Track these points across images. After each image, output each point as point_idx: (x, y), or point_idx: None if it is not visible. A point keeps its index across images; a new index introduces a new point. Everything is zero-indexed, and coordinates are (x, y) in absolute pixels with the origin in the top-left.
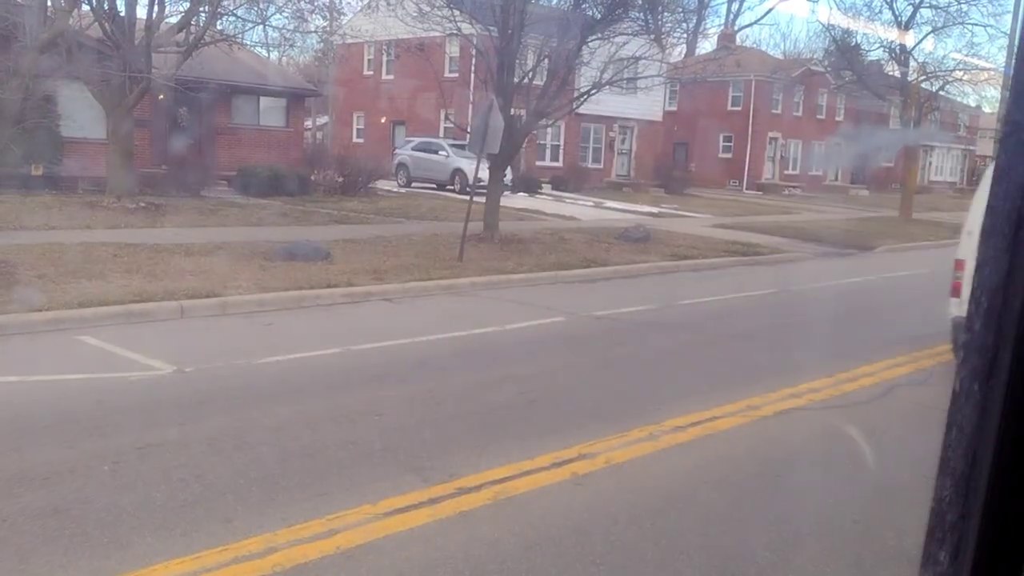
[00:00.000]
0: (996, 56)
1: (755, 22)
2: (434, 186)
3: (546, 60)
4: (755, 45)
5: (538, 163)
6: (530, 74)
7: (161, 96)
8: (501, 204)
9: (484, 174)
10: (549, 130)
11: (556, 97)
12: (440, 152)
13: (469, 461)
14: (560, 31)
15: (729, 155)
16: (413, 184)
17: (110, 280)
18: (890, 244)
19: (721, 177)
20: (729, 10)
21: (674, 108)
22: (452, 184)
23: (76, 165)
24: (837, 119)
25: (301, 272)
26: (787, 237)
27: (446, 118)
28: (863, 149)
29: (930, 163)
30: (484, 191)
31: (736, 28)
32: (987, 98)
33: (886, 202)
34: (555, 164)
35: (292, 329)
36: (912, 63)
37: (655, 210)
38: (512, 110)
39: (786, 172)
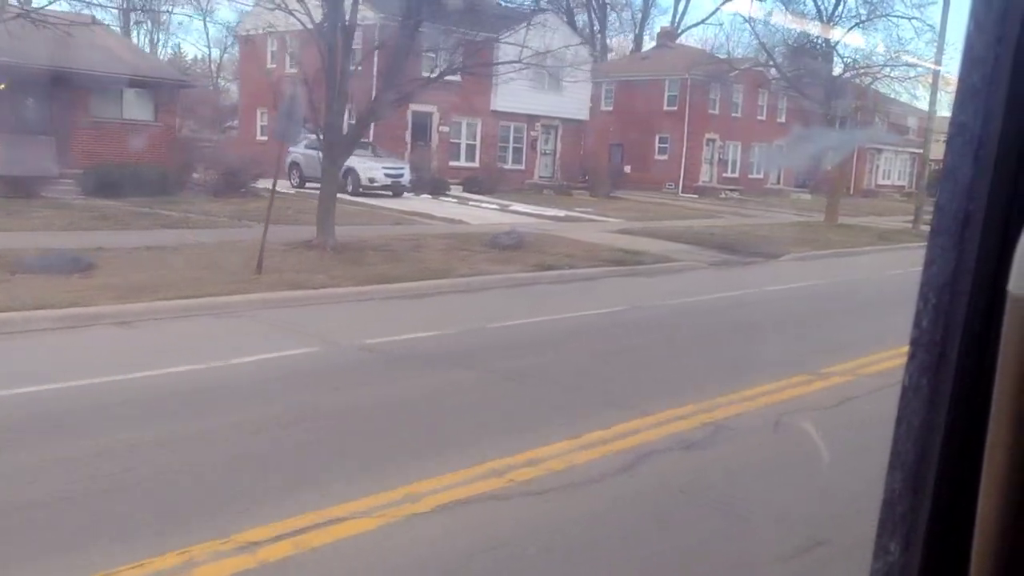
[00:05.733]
0: (923, 51)
1: (701, 22)
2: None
3: (382, 46)
4: (700, 45)
5: (452, 163)
6: (358, 65)
7: (2, 85)
8: (392, 207)
9: (377, 174)
10: (464, 128)
11: (394, 86)
12: None
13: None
14: (401, 11)
15: (665, 157)
16: (308, 184)
17: None
18: (801, 251)
19: (658, 180)
20: (676, 10)
21: (610, 108)
22: (346, 185)
23: None
24: (778, 120)
25: (36, 287)
26: (690, 244)
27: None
28: (804, 151)
29: (877, 166)
30: (383, 191)
31: (679, 29)
32: (918, 97)
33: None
34: (472, 164)
35: None
36: (842, 60)
37: (562, 214)
38: (348, 105)
39: (724, 175)
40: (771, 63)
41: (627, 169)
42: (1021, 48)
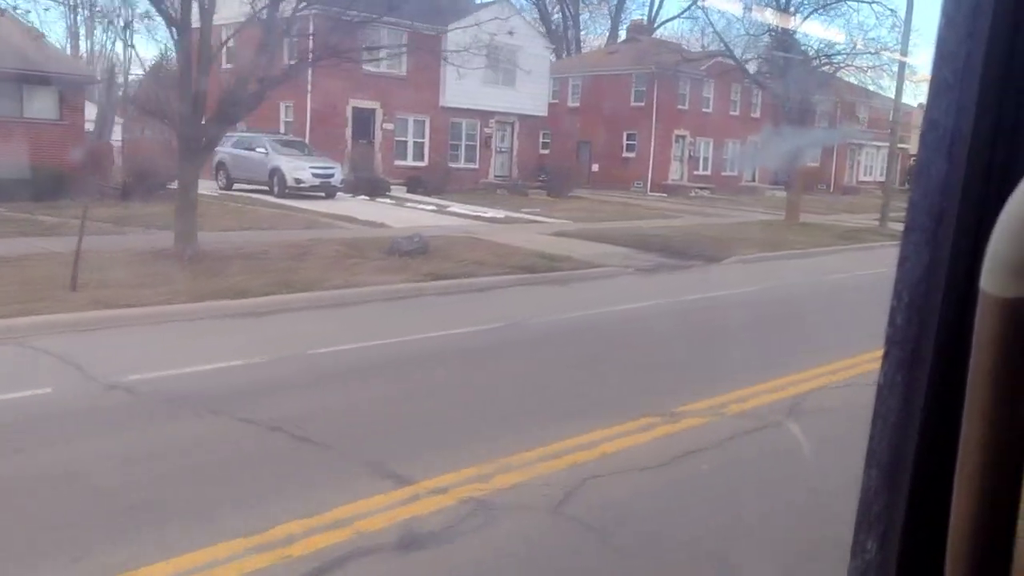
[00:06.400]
0: (886, 39)
1: (678, 15)
2: (265, 188)
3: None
4: (677, 39)
5: (398, 162)
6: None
7: None
8: (316, 209)
9: (304, 174)
10: (410, 125)
11: (251, 76)
12: (258, 149)
13: None
14: None
15: (633, 154)
16: (235, 186)
17: None
18: (748, 253)
19: (626, 178)
20: (651, 3)
21: (577, 104)
22: (272, 186)
23: None
24: (752, 115)
25: None
26: (630, 247)
27: (287, 111)
28: (776, 150)
29: (858, 162)
30: (316, 193)
31: (655, 23)
32: (883, 88)
33: (803, 204)
34: (420, 163)
35: None
36: (801, 49)
37: (503, 215)
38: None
39: (696, 172)
40: (727, 54)
41: (595, 167)
42: (992, 43)
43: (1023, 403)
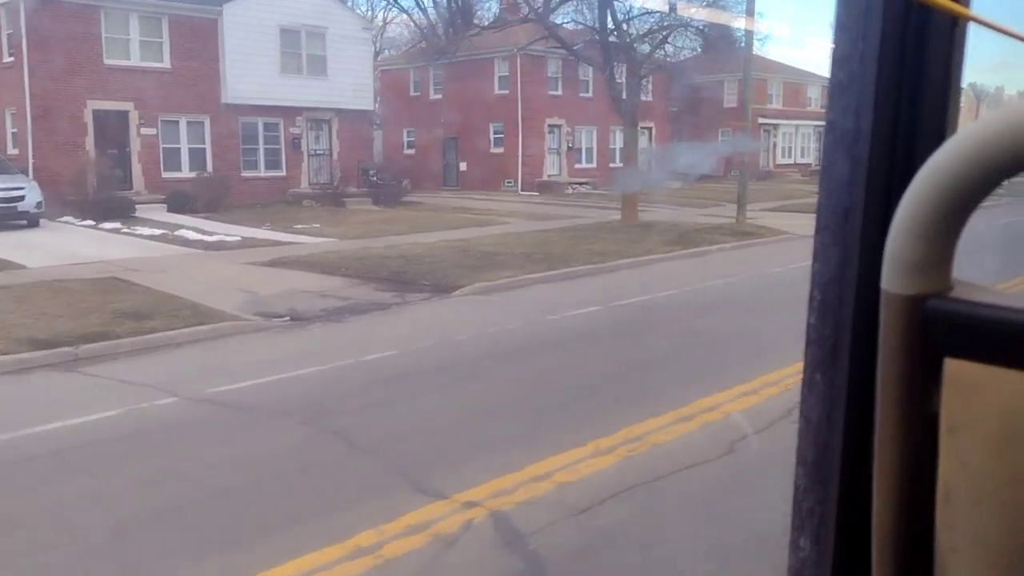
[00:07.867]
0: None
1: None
2: None
3: None
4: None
5: (170, 175)
6: None
7: None
8: None
9: (30, 197)
10: (183, 128)
11: None
12: None
13: None
14: None
15: (501, 149)
16: None
17: None
18: (503, 277)
19: (495, 177)
20: None
21: (440, 96)
22: None
23: None
24: (645, 99)
25: None
26: (353, 277)
27: (12, 119)
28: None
29: (774, 143)
30: (15, 221)
31: (552, 6)
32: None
33: (707, 194)
34: (200, 174)
35: None
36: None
37: (238, 238)
38: None
39: (578, 166)
40: (543, 22)
41: (463, 166)
42: (885, 44)
43: (930, 399)
